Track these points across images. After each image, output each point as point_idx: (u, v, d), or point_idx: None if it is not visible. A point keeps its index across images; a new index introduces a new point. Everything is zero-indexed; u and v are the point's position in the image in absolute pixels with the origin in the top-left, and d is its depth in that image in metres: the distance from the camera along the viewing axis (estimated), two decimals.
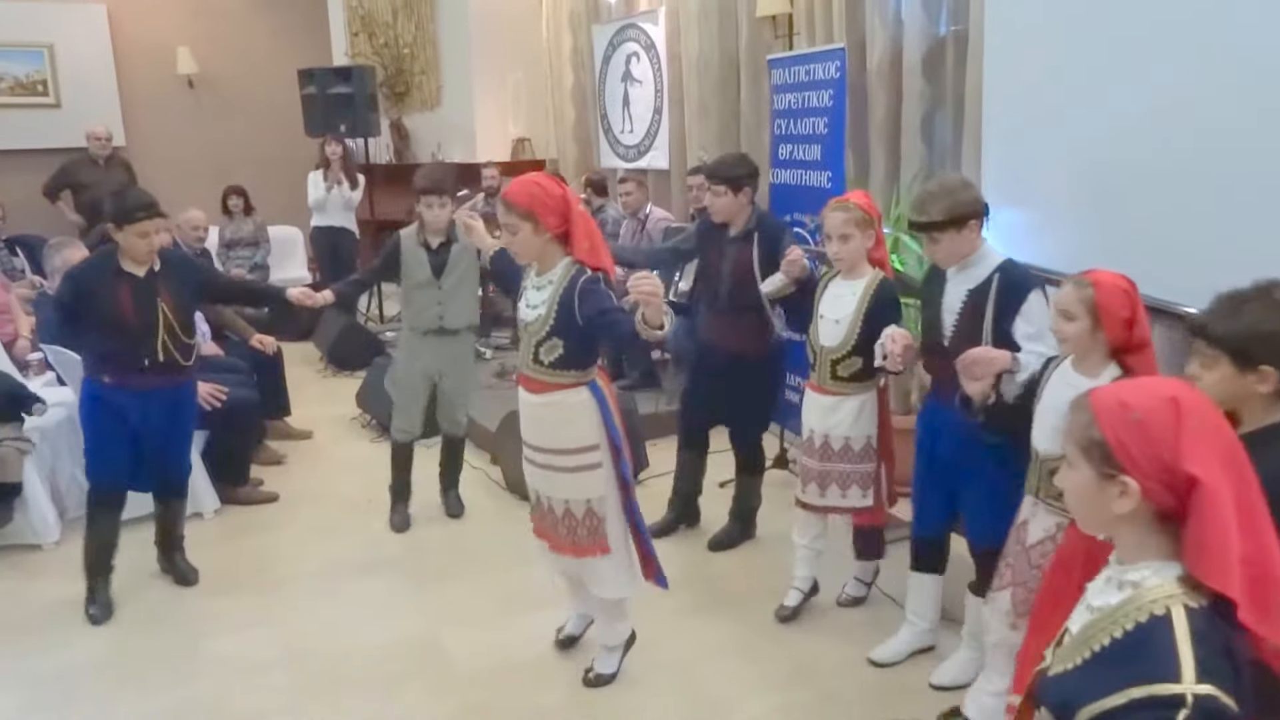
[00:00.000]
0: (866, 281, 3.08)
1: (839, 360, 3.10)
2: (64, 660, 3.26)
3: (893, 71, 4.63)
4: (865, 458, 3.17)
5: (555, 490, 2.83)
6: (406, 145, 8.75)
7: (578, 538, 2.82)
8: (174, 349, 3.39)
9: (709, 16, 5.98)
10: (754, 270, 3.54)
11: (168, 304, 3.37)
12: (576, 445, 2.75)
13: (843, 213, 3.05)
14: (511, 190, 2.68)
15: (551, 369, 2.72)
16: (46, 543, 4.09)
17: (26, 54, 8.55)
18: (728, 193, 3.57)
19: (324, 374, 6.74)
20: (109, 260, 3.35)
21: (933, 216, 2.67)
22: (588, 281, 2.66)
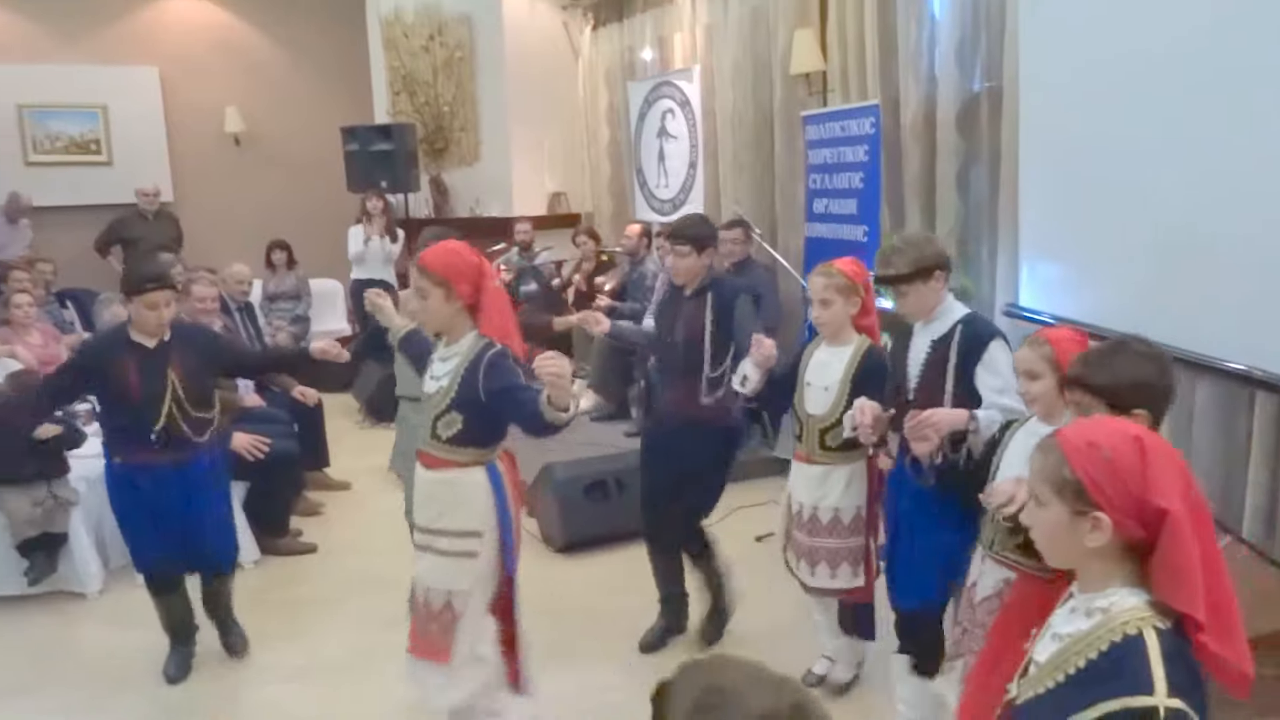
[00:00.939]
0: (854, 348, 3.02)
1: (827, 429, 3.01)
2: (105, 710, 3.29)
3: (927, 127, 4.67)
4: (855, 531, 3.05)
5: (426, 577, 2.62)
6: (445, 200, 8.91)
7: (427, 634, 2.60)
8: (181, 422, 3.25)
9: (743, 74, 6.08)
10: (705, 331, 3.34)
11: (177, 375, 3.25)
12: (457, 528, 2.57)
13: (823, 278, 3.01)
14: (427, 255, 2.60)
15: (449, 445, 2.57)
16: (90, 591, 4.14)
17: (82, 114, 8.86)
18: (692, 253, 3.35)
19: (362, 425, 6.81)
20: (120, 332, 3.31)
21: (899, 269, 2.68)
22: (494, 355, 2.53)
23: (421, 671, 2.65)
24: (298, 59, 9.56)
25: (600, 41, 8.14)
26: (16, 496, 3.94)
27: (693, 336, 3.37)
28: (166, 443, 3.25)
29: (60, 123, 8.80)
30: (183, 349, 3.32)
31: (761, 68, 5.95)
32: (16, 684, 3.48)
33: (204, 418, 3.33)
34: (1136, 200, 3.34)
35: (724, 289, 3.40)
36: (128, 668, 3.56)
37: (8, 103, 8.58)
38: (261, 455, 4.14)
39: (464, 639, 2.57)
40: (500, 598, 2.67)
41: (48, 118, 8.75)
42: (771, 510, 3.92)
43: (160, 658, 3.61)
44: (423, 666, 2.63)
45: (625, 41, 7.77)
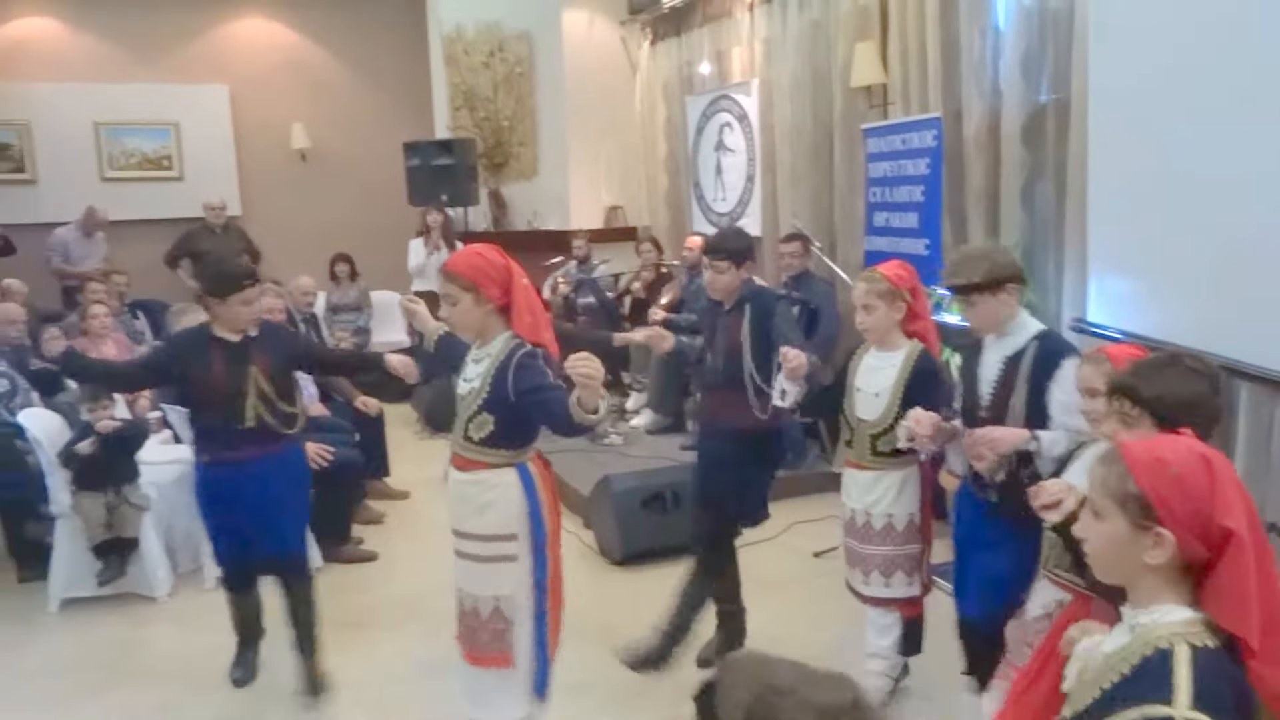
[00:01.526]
0: (905, 354, 2.98)
1: (879, 435, 2.98)
2: (172, 711, 3.37)
3: (990, 139, 4.61)
4: (910, 538, 3.01)
5: (467, 583, 2.62)
6: (504, 214, 9.01)
7: (478, 643, 2.58)
8: (268, 414, 3.28)
9: (802, 87, 6.06)
10: (742, 344, 3.31)
11: (261, 368, 3.29)
12: (492, 532, 2.56)
13: (865, 284, 3.00)
14: (453, 260, 2.61)
15: (481, 446, 2.56)
16: (159, 595, 4.25)
17: (155, 131, 9.15)
18: (730, 268, 3.33)
19: (420, 435, 6.91)
20: (203, 328, 3.37)
21: (970, 278, 2.63)
22: (524, 356, 2.53)
23: (481, 680, 2.63)
24: (362, 77, 9.78)
25: (658, 56, 8.18)
26: (91, 500, 4.07)
27: (732, 349, 3.35)
28: (255, 436, 3.28)
29: (135, 139, 9.10)
30: (265, 344, 3.36)
31: (821, 81, 5.93)
32: (89, 684, 3.58)
33: (290, 411, 3.37)
34: (1208, 214, 3.25)
35: (762, 299, 3.38)
36: (194, 671, 3.64)
37: (86, 120, 8.90)
38: (326, 463, 4.23)
39: (521, 644, 2.56)
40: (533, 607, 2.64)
41: (123, 135, 9.06)
42: (830, 525, 3.88)
43: (225, 662, 3.69)
44: (483, 675, 2.62)
45: (683, 56, 7.80)
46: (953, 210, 4.83)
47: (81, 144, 8.92)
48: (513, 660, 2.56)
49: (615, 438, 6.04)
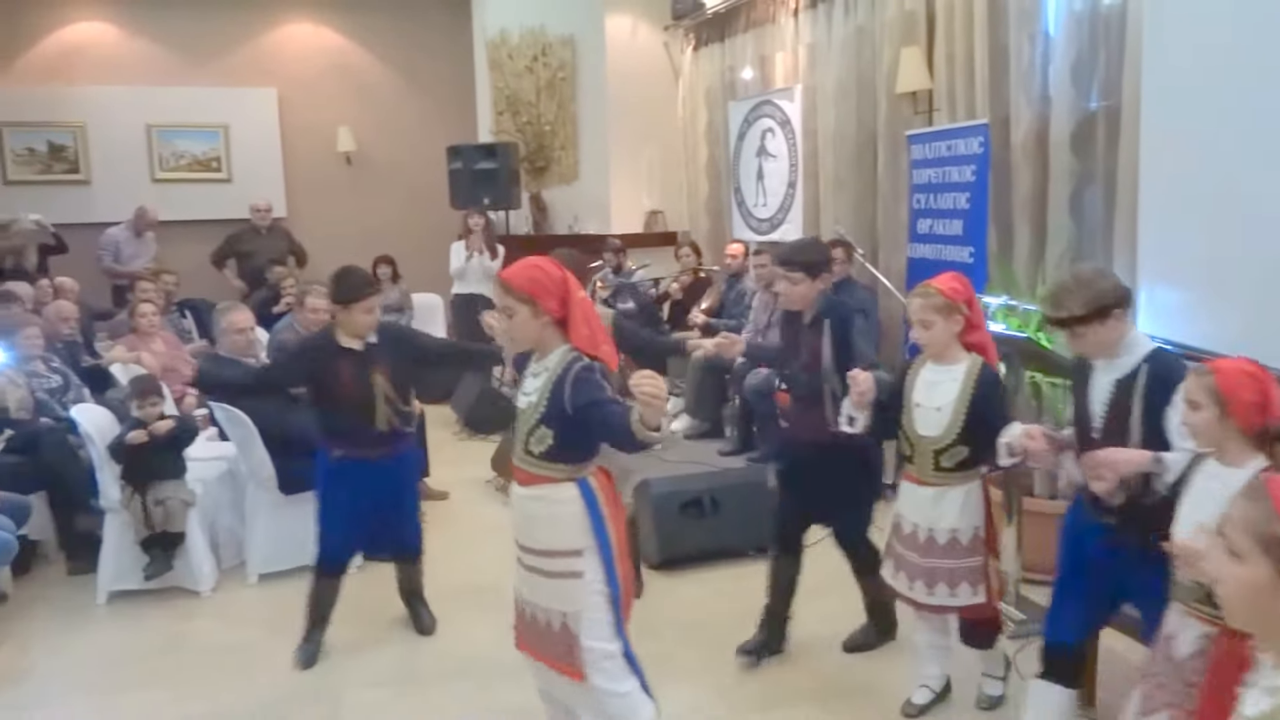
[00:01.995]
0: (966, 368, 2.93)
1: (942, 450, 2.93)
2: (215, 702, 3.41)
3: (1038, 147, 4.56)
4: (973, 551, 2.96)
5: (536, 596, 2.59)
6: (544, 217, 9.06)
7: (555, 652, 2.57)
8: (395, 417, 3.54)
9: (847, 93, 6.03)
10: (824, 358, 3.31)
11: (383, 374, 3.50)
12: (557, 547, 2.53)
13: (921, 299, 2.94)
14: (510, 272, 2.55)
15: (541, 460, 2.54)
16: (203, 590, 4.31)
17: (205, 134, 9.33)
18: (805, 279, 3.32)
19: (459, 437, 6.95)
20: (327, 338, 3.55)
21: (1073, 311, 2.50)
22: (582, 369, 2.49)
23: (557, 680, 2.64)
24: (407, 81, 9.89)
25: (701, 61, 8.19)
26: (139, 495, 4.14)
27: (812, 364, 3.35)
28: (385, 437, 3.54)
29: (185, 141, 9.28)
30: (384, 349, 3.57)
31: (865, 86, 5.89)
32: (136, 676, 3.64)
33: (409, 411, 3.62)
34: (1263, 223, 3.18)
35: (839, 313, 3.36)
36: (237, 665, 3.69)
37: (138, 122, 9.10)
38: None
39: (590, 658, 2.53)
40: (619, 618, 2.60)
41: (174, 137, 9.25)
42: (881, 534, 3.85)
43: (265, 656, 3.74)
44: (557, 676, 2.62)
45: (726, 61, 7.80)
46: (998, 218, 4.78)
47: (134, 146, 9.11)
48: (584, 675, 2.53)
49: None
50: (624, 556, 2.61)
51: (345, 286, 3.49)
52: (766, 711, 3.29)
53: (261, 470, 4.33)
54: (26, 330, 5.15)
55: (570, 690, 2.62)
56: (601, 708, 2.59)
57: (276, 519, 4.43)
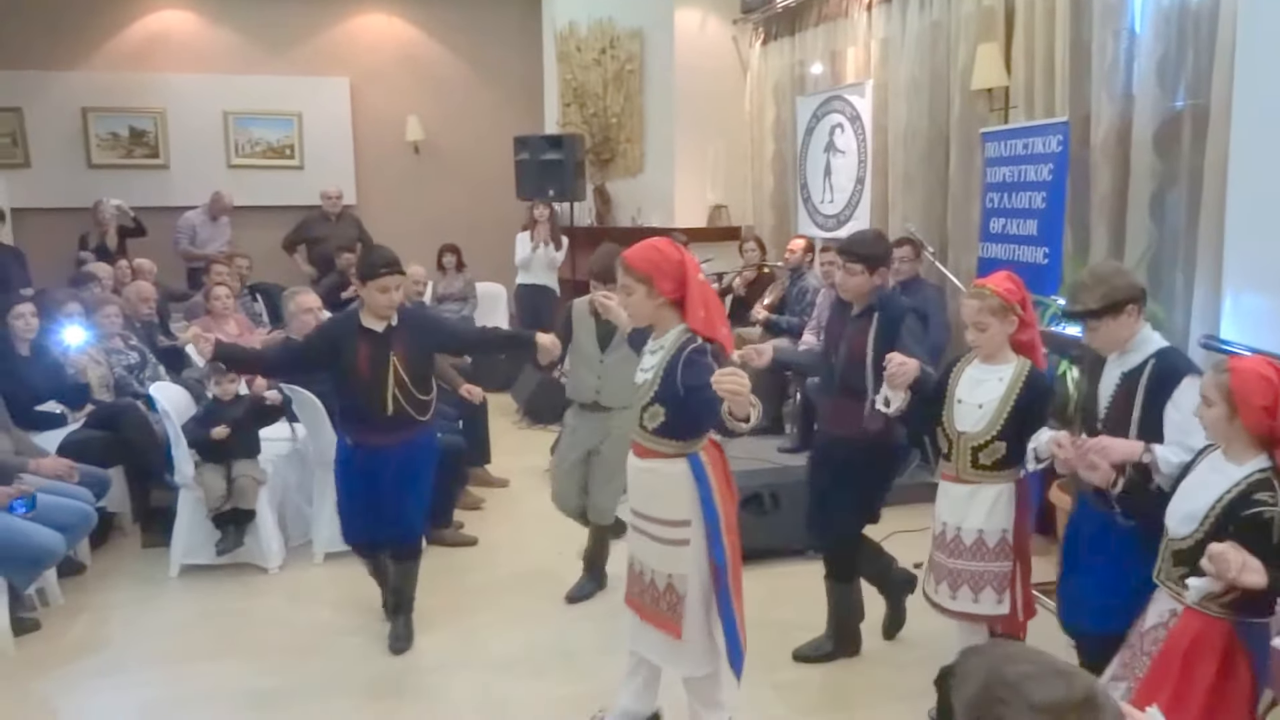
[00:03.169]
0: (1015, 369, 2.91)
1: (981, 447, 2.91)
2: (287, 681, 3.49)
3: (1119, 146, 4.43)
4: (1000, 555, 2.92)
5: (646, 558, 2.75)
6: (608, 210, 9.08)
7: (657, 609, 2.72)
8: (405, 403, 3.46)
9: (920, 89, 5.93)
10: (867, 353, 3.27)
11: (399, 359, 3.45)
12: (667, 517, 2.67)
13: (976, 300, 2.90)
14: (631, 253, 2.67)
15: (654, 435, 2.67)
16: (271, 567, 4.42)
17: (279, 121, 9.52)
18: (864, 272, 3.29)
19: (519, 425, 7.01)
20: (352, 317, 3.55)
21: (1088, 305, 2.62)
22: (694, 351, 2.59)
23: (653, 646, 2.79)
24: (476, 72, 9.98)
25: (770, 55, 8.12)
26: (212, 472, 4.26)
27: (855, 357, 3.31)
28: (393, 423, 3.47)
29: (260, 129, 9.49)
30: (405, 333, 3.51)
31: (939, 82, 5.79)
32: (207, 648, 3.75)
33: (425, 399, 3.56)
34: None
35: (891, 308, 3.32)
36: (304, 640, 3.78)
37: (216, 110, 9.32)
38: None
39: (692, 618, 2.67)
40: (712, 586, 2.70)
41: (250, 124, 9.46)
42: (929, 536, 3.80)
43: (332, 634, 3.82)
44: (653, 634, 2.76)
45: (796, 55, 7.72)
46: (1074, 218, 4.67)
47: (211, 132, 9.34)
48: (681, 633, 2.67)
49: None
50: (732, 530, 2.70)
51: (366, 263, 3.48)
52: (826, 713, 3.26)
53: (329, 451, 4.40)
54: (106, 309, 5.32)
55: (665, 648, 2.75)
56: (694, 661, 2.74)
57: None
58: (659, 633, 2.72)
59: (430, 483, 3.72)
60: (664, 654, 2.78)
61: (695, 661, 2.74)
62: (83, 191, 8.64)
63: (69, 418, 4.76)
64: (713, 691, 2.83)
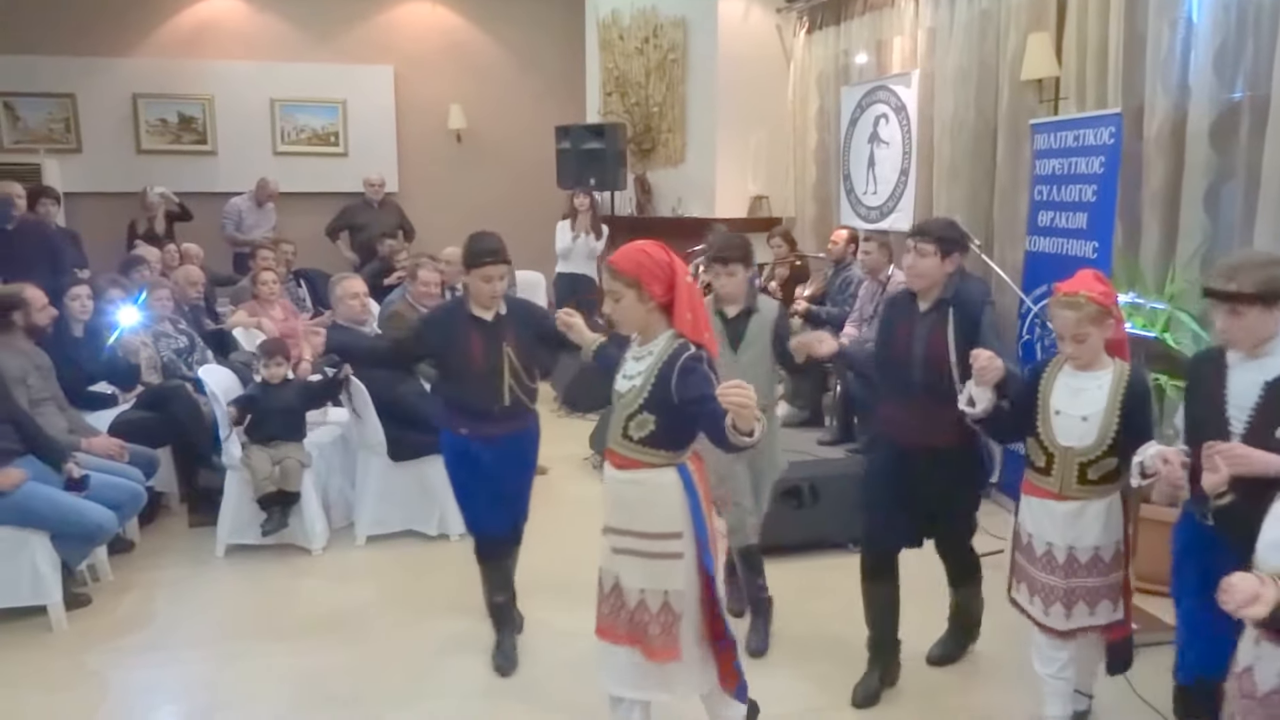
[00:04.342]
0: (1114, 373, 2.74)
1: (1091, 462, 2.73)
2: (329, 661, 3.54)
3: (1174, 139, 4.35)
4: (1116, 566, 2.78)
5: (631, 579, 2.56)
6: (649, 200, 9.06)
7: (649, 636, 2.52)
8: (520, 393, 3.42)
9: (967, 79, 5.85)
10: (948, 351, 3.05)
11: (512, 347, 3.39)
12: (659, 530, 2.52)
13: (1073, 312, 2.67)
14: (618, 256, 2.56)
15: (640, 445, 2.52)
16: (315, 549, 4.48)
17: (324, 109, 9.62)
18: (935, 254, 3.06)
19: (557, 414, 7.04)
20: (460, 306, 3.48)
21: (1242, 287, 2.36)
22: (690, 359, 2.46)
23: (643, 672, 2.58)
24: (518, 60, 10.01)
25: (814, 45, 8.05)
26: (259, 454, 4.33)
27: (934, 356, 3.07)
28: (509, 414, 3.41)
29: (306, 116, 9.59)
30: (514, 322, 3.45)
31: (987, 73, 5.71)
32: (252, 628, 3.82)
33: (535, 387, 3.52)
34: None
35: (968, 301, 3.09)
36: (347, 622, 3.84)
37: (263, 97, 9.44)
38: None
39: (688, 637, 2.54)
40: (703, 598, 2.59)
41: (295, 111, 9.56)
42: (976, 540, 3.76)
43: (374, 616, 3.86)
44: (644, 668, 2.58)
45: (840, 45, 7.65)
46: (1126, 212, 4.59)
47: (258, 119, 9.46)
48: (680, 654, 2.53)
49: None
50: (714, 541, 2.60)
51: (468, 251, 3.39)
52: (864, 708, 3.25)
53: (373, 437, 4.48)
54: (157, 292, 5.42)
55: (661, 677, 2.57)
56: (699, 679, 2.60)
57: (385, 484, 4.58)
58: (651, 664, 2.54)
59: (534, 470, 3.69)
60: (660, 684, 2.59)
61: (695, 681, 2.61)
62: (132, 176, 8.80)
63: (119, 398, 4.86)
64: (724, 710, 2.72)
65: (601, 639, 2.63)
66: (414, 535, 4.60)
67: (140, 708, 3.30)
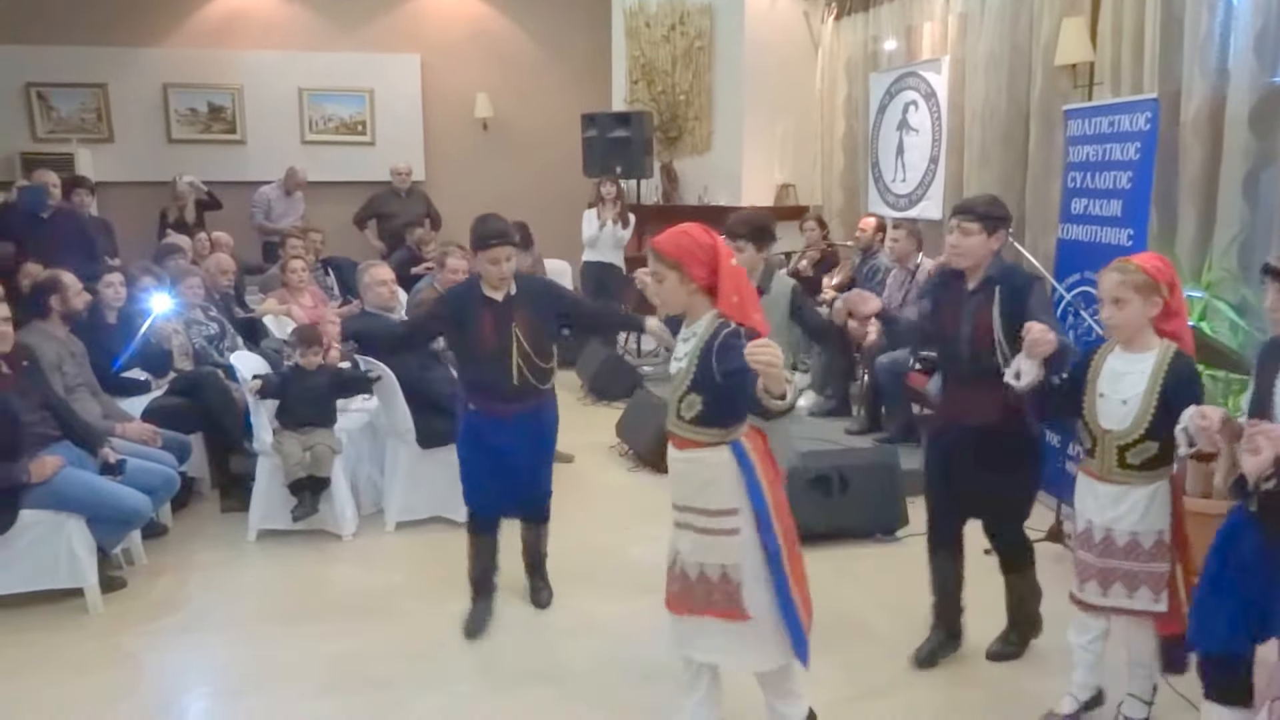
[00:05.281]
0: (1158, 355, 2.71)
1: (1128, 446, 2.72)
2: (359, 646, 3.57)
3: (1212, 124, 4.28)
4: (1157, 556, 2.75)
5: (691, 552, 2.61)
6: (675, 188, 9.05)
7: (713, 601, 2.58)
8: (529, 372, 3.50)
9: (999, 65, 5.78)
10: (994, 330, 3.05)
11: (521, 327, 3.47)
12: (714, 507, 2.56)
13: (1119, 274, 2.70)
14: (661, 238, 2.59)
15: (692, 425, 2.57)
16: (345, 534, 4.52)
17: (352, 98, 9.66)
18: (980, 232, 3.06)
19: (584, 402, 7.05)
20: (474, 286, 3.55)
21: None
22: (729, 335, 2.49)
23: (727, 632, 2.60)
24: (545, 48, 10.00)
25: (842, 32, 7.99)
26: (291, 440, 4.36)
27: (980, 337, 3.08)
28: (520, 392, 3.51)
29: (333, 105, 9.64)
30: (524, 302, 3.53)
31: (1020, 58, 5.64)
32: (284, 612, 3.86)
33: (547, 367, 3.60)
34: None
35: (1015, 279, 3.10)
36: (377, 607, 3.87)
37: (291, 87, 9.49)
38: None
39: (754, 604, 2.55)
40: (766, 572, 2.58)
41: (323, 100, 9.62)
42: None
43: (403, 601, 3.89)
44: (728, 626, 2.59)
45: (869, 31, 7.59)
46: (1161, 200, 4.52)
47: (286, 108, 9.52)
48: (747, 614, 2.55)
49: None
50: (783, 515, 2.61)
51: (476, 234, 3.47)
52: (893, 695, 3.24)
53: (402, 424, 4.50)
54: (189, 280, 5.47)
55: (728, 642, 2.59)
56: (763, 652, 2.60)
57: (414, 471, 4.60)
58: (719, 623, 2.57)
59: (554, 448, 3.79)
60: (728, 650, 2.62)
61: (765, 653, 2.61)
62: (163, 166, 8.89)
63: (152, 384, 4.92)
64: (788, 682, 2.73)
65: (671, 611, 2.69)
66: (443, 521, 4.62)
67: (174, 688, 3.34)
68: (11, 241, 6.14)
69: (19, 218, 6.39)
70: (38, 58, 8.94)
